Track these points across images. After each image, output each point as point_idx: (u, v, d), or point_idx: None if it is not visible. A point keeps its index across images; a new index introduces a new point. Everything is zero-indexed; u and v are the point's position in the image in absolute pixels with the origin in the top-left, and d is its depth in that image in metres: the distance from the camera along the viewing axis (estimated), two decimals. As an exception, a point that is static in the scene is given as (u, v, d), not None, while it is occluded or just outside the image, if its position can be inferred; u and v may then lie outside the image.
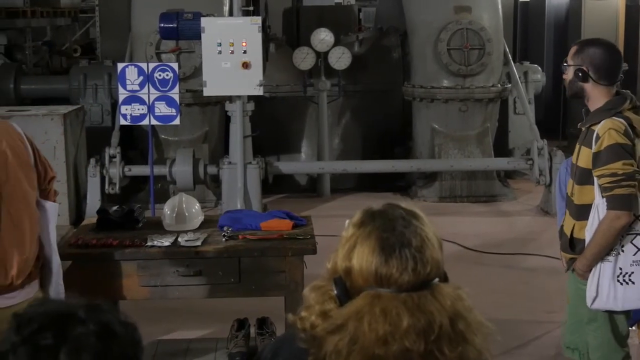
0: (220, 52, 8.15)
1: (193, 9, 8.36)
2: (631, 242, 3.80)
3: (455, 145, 10.15)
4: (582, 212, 3.89)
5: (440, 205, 9.87)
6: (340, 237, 1.92)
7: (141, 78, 7.86)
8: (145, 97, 7.89)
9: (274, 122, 10.54)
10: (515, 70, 10.41)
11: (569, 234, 3.98)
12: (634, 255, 3.80)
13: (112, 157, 9.14)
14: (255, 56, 8.18)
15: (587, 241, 3.84)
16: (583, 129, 3.98)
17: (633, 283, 3.79)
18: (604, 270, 3.81)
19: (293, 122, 10.90)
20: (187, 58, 9.49)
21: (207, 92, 8.36)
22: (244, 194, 8.77)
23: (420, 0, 10.39)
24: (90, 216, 6.49)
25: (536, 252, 7.72)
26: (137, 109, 7.91)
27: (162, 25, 8.17)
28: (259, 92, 8.35)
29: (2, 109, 9.01)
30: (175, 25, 8.13)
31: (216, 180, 9.32)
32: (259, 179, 8.94)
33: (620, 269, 3.80)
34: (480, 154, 10.11)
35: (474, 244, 8.14)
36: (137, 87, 7.88)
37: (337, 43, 10.24)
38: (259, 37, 8.19)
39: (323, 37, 10.09)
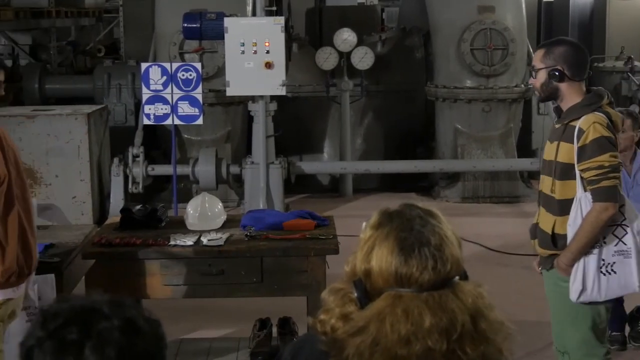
0: (243, 52, 8.17)
1: (216, 9, 8.38)
2: (612, 233, 3.84)
3: (478, 145, 10.11)
4: (564, 207, 3.89)
5: (463, 205, 9.84)
6: (359, 240, 1.91)
7: (164, 78, 7.90)
8: (168, 97, 7.92)
9: (297, 122, 10.55)
10: (538, 71, 10.34)
11: (549, 231, 3.96)
12: (615, 245, 3.84)
13: (135, 156, 9.17)
14: (278, 56, 8.19)
15: (569, 236, 3.86)
16: (558, 125, 3.98)
17: (615, 273, 3.85)
18: (589, 263, 3.83)
19: (315, 122, 10.90)
20: (210, 58, 9.52)
21: (230, 92, 8.38)
22: (267, 193, 8.78)
23: (443, 0, 10.36)
24: (114, 215, 6.52)
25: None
26: (161, 109, 7.94)
27: (185, 25, 8.20)
28: (282, 92, 8.36)
29: (27, 109, 9.07)
30: (198, 25, 8.15)
31: (239, 180, 9.34)
32: (282, 179, 8.95)
33: (603, 260, 3.83)
34: (503, 154, 10.07)
35: (496, 245, 8.11)
36: (161, 87, 7.92)
37: (360, 43, 10.23)
38: (281, 37, 8.20)
39: (346, 37, 10.09)
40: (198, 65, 8.16)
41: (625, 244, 3.85)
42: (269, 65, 8.16)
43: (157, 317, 1.58)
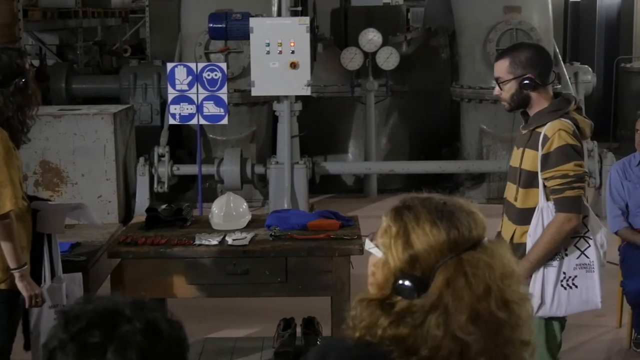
0: (268, 52, 8.18)
1: (242, 9, 8.40)
2: (574, 245, 3.71)
3: (504, 146, 10.06)
4: (525, 216, 3.77)
5: (488, 206, 9.78)
6: (382, 244, 1.88)
7: (190, 78, 7.93)
8: (194, 97, 7.95)
9: (322, 122, 10.55)
10: (565, 71, 10.29)
11: (508, 240, 3.81)
12: (577, 258, 3.71)
13: (161, 156, 9.22)
14: (303, 56, 8.19)
15: (528, 246, 3.71)
16: (524, 131, 3.86)
17: (576, 287, 3.71)
18: (548, 275, 3.69)
19: (340, 123, 10.90)
20: (236, 58, 9.54)
21: (255, 92, 8.39)
22: (291, 193, 8.78)
23: (469, 0, 10.32)
24: (139, 214, 6.55)
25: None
26: (186, 109, 7.97)
27: (211, 25, 8.22)
28: (307, 92, 8.36)
29: (54, 108, 9.14)
30: (224, 25, 8.17)
31: (263, 180, 9.36)
32: (306, 179, 8.96)
33: (564, 273, 3.70)
34: (529, 155, 10.00)
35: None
36: (186, 87, 7.95)
37: (385, 43, 10.22)
38: (307, 37, 8.21)
39: (371, 37, 10.07)
40: (223, 66, 8.18)
41: (587, 257, 3.72)
42: (294, 65, 8.17)
43: (179, 319, 1.59)
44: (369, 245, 1.93)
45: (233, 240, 4.52)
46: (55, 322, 1.56)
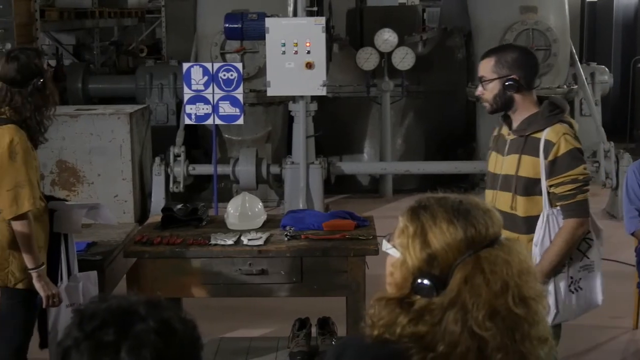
0: (284, 53, 8.18)
1: (258, 9, 8.41)
2: (577, 249, 3.65)
3: (520, 146, 10.03)
4: (530, 224, 3.66)
5: (504, 207, 9.75)
6: (400, 244, 1.89)
7: (206, 78, 7.95)
8: (209, 97, 7.97)
9: (337, 123, 10.55)
10: (581, 72, 10.25)
11: None
12: (581, 261, 3.66)
13: (176, 156, 9.24)
14: (319, 56, 8.19)
15: (535, 255, 3.59)
16: (513, 137, 3.74)
17: (582, 289, 3.67)
18: (560, 283, 3.63)
19: (356, 123, 10.90)
20: (251, 58, 9.55)
21: (270, 92, 8.40)
22: (306, 193, 8.79)
23: (485, 0, 10.30)
24: (155, 214, 6.58)
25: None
26: (202, 109, 7.99)
27: (227, 25, 8.23)
28: (322, 92, 8.36)
29: (71, 108, 9.18)
30: (240, 25, 8.19)
31: (279, 180, 9.36)
32: (322, 179, 8.96)
33: (572, 277, 3.64)
34: (545, 155, 9.96)
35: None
36: (202, 87, 7.97)
37: (400, 43, 10.21)
38: (322, 37, 8.21)
39: (387, 37, 10.06)
40: (239, 66, 8.20)
41: (588, 258, 3.67)
42: (309, 65, 8.17)
43: (193, 318, 1.59)
44: (386, 246, 1.94)
45: (248, 240, 4.53)
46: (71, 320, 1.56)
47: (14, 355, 4.09)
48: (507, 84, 3.68)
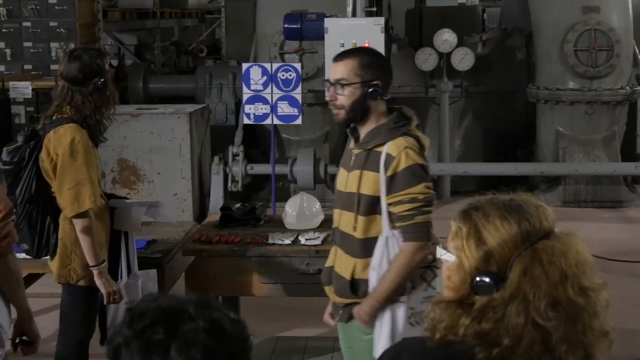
0: (342, 53, 8.17)
1: (317, 9, 8.42)
2: (421, 277, 3.25)
3: (581, 148, 9.90)
4: (367, 247, 3.26)
5: (564, 210, 9.64)
6: (454, 247, 1.88)
7: (265, 78, 7.98)
8: (268, 97, 8.00)
9: (395, 123, 10.50)
10: (645, 73, 10.09)
11: (348, 276, 3.31)
12: (425, 291, 3.25)
13: (235, 155, 9.30)
14: (378, 57, 8.16)
15: (372, 281, 3.24)
16: (358, 150, 3.34)
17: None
18: (398, 313, 3.23)
19: (414, 123, 10.84)
20: (310, 58, 9.57)
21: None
22: (364, 194, 8.76)
23: (546, 0, 10.18)
24: (214, 213, 6.63)
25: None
26: (260, 109, 8.02)
27: (286, 26, 8.26)
28: (380, 92, 8.33)
29: (132, 107, 9.30)
30: (299, 26, 8.20)
31: (336, 180, 9.36)
32: (379, 180, 8.92)
33: (412, 308, 3.22)
34: (606, 158, 9.84)
35: (599, 251, 7.89)
36: (261, 87, 8.00)
37: (460, 44, 10.14)
38: (381, 37, 8.18)
39: (446, 37, 10.01)
40: (298, 66, 8.21)
41: (434, 289, 3.25)
42: (368, 65, 8.14)
43: (242, 319, 1.60)
44: (440, 252, 1.94)
45: (306, 239, 4.54)
46: None
47: (75, 350, 4.15)
48: (370, 90, 3.31)
